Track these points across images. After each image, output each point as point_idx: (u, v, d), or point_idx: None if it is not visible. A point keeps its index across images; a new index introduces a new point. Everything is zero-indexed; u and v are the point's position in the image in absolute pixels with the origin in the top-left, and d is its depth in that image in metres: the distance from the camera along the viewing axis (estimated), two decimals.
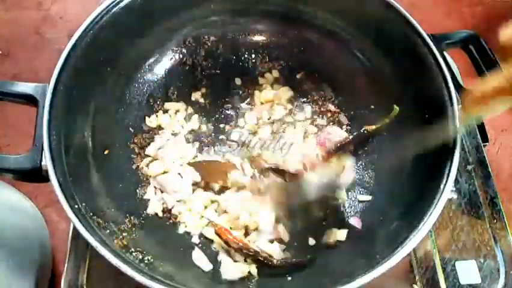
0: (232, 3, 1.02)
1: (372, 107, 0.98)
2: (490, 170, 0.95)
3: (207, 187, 0.91)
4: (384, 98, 0.96)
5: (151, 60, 1.01)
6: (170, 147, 0.93)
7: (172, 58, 1.04)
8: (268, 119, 1.00)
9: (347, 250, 0.83)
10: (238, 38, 1.07)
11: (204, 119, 1.00)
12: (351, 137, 0.93)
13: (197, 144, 0.96)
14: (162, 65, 1.03)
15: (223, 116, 1.01)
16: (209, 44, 1.06)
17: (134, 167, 0.92)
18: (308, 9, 1.02)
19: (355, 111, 0.99)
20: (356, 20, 0.97)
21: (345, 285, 0.65)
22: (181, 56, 1.04)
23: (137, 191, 0.89)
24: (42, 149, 0.72)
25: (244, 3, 1.03)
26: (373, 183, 0.92)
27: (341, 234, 0.85)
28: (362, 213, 0.89)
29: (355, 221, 0.87)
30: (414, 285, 0.85)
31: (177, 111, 0.99)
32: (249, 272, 0.81)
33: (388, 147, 0.93)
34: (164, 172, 0.90)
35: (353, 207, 0.90)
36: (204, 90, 1.03)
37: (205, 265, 0.82)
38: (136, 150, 0.93)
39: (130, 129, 0.95)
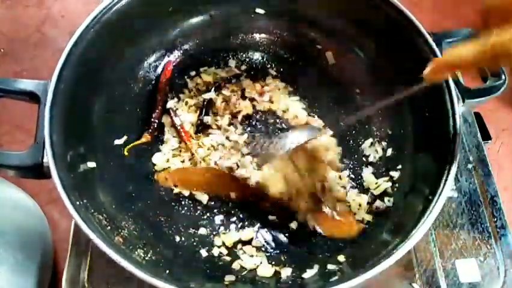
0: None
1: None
2: (490, 168, 0.95)
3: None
4: (384, 98, 0.96)
5: (152, 58, 1.01)
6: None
7: (174, 56, 1.04)
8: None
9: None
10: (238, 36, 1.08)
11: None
12: None
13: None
14: (164, 62, 1.02)
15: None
16: (211, 42, 1.06)
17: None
18: (308, 8, 1.02)
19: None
20: (357, 19, 0.97)
21: (346, 283, 0.66)
22: (181, 53, 1.04)
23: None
24: (44, 146, 0.72)
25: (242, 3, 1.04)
26: None
27: None
28: None
29: None
30: (414, 284, 0.85)
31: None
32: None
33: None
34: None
35: None
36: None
37: None
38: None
39: (132, 126, 0.95)
